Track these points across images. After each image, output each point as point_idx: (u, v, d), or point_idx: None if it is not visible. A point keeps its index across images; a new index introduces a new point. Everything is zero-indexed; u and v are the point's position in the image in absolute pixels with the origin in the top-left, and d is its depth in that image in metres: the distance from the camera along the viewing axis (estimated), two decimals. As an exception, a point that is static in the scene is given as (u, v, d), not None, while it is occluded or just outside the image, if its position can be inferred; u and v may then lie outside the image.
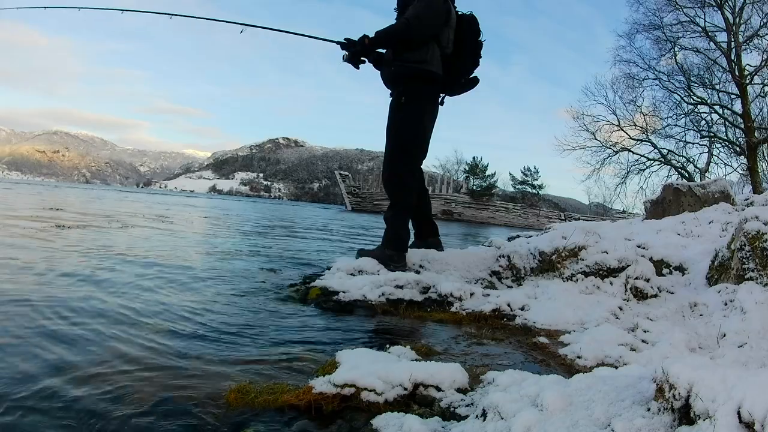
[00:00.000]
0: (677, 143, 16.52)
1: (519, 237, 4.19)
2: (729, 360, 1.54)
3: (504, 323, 2.04)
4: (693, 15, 15.00)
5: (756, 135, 14.35)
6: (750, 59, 15.10)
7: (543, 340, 1.80)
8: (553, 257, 2.53)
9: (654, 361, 1.47)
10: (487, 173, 40.71)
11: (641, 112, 16.81)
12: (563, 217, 36.23)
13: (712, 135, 15.90)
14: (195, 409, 1.06)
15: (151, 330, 1.57)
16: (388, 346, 1.51)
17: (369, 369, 1.19)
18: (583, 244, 2.51)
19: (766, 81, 14.54)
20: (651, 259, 2.49)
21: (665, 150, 16.73)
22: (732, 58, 14.61)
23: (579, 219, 27.56)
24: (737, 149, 15.26)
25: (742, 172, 15.26)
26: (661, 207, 4.42)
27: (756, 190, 12.42)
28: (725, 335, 1.69)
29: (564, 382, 1.04)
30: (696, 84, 15.65)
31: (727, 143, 15.73)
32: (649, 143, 16.97)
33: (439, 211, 33.37)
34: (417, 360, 1.41)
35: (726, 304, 1.90)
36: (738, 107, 14.84)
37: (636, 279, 2.31)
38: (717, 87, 15.36)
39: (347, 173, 40.23)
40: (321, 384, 1.14)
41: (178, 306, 1.90)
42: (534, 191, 44.67)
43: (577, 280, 2.38)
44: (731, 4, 14.45)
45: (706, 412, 0.74)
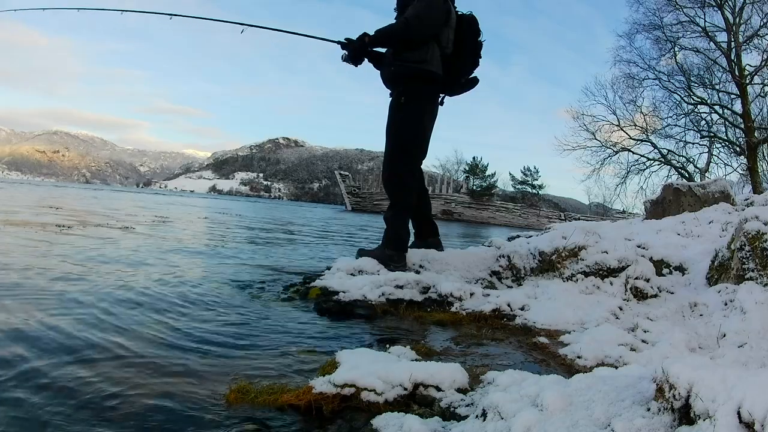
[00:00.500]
0: (677, 143, 16.54)
1: (519, 237, 4.19)
2: (729, 360, 1.54)
3: (504, 323, 2.04)
4: (693, 15, 15.01)
5: (756, 135, 14.35)
6: (750, 59, 15.11)
7: (543, 340, 1.80)
8: (553, 257, 2.53)
9: (654, 361, 1.47)
10: (487, 173, 40.75)
11: (641, 112, 16.82)
12: (563, 217, 36.24)
13: (712, 135, 15.90)
14: (195, 409, 1.06)
15: (151, 330, 1.57)
16: (388, 346, 1.52)
17: (369, 369, 1.19)
18: (583, 244, 2.51)
19: (766, 81, 14.54)
20: (651, 259, 2.49)
21: (665, 150, 16.75)
22: (732, 58, 14.61)
23: (579, 219, 27.56)
24: (737, 149, 15.26)
25: (742, 172, 15.27)
26: (661, 207, 4.42)
27: (756, 190, 12.42)
28: (725, 335, 1.69)
29: (564, 382, 1.04)
30: (696, 84, 15.66)
31: (727, 143, 15.74)
32: (649, 143, 16.98)
33: (439, 211, 33.38)
34: (417, 360, 1.41)
35: (726, 304, 1.90)
36: (738, 107, 14.85)
37: (636, 279, 2.31)
38: (717, 87, 15.36)
39: (347, 173, 40.26)
40: (321, 384, 1.14)
41: (177, 306, 1.90)
42: (534, 191, 44.68)
43: (577, 280, 2.38)
44: (731, 4, 14.45)
45: (706, 412, 0.74)
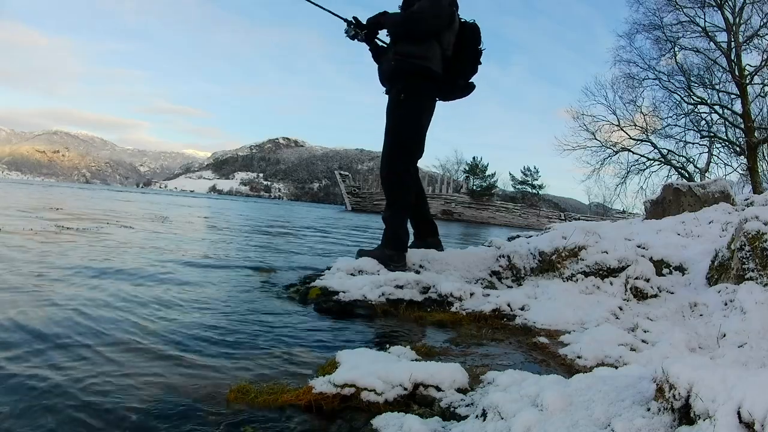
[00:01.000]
0: (677, 143, 16.55)
1: (519, 237, 4.19)
2: (729, 360, 1.54)
3: (504, 323, 2.04)
4: (693, 15, 15.02)
5: (756, 135, 14.36)
6: (750, 59, 15.13)
7: (543, 340, 1.80)
8: (553, 257, 2.53)
9: (654, 361, 1.47)
10: (487, 173, 40.75)
11: (641, 112, 16.83)
12: (563, 217, 36.25)
13: (712, 135, 15.90)
14: (195, 409, 1.06)
15: (151, 330, 1.57)
16: (388, 346, 1.51)
17: (369, 369, 1.19)
18: (583, 244, 2.51)
19: (766, 81, 14.55)
20: (651, 259, 2.49)
21: (665, 150, 16.76)
22: (732, 58, 14.61)
23: (579, 219, 27.57)
24: (737, 149, 15.27)
25: (742, 172, 15.28)
26: (661, 207, 4.42)
27: (756, 190, 12.43)
28: (725, 335, 1.69)
29: (564, 382, 1.04)
30: (696, 84, 15.67)
31: (727, 143, 15.74)
32: (649, 143, 16.99)
33: (439, 211, 33.38)
34: (417, 360, 1.41)
35: (726, 304, 1.90)
36: (738, 107, 14.86)
37: (636, 279, 2.31)
38: (717, 87, 15.37)
39: (347, 173, 40.25)
40: (321, 384, 1.14)
41: (177, 306, 1.90)
42: (534, 191, 44.69)
43: (577, 280, 2.38)
44: (731, 4, 14.46)
45: (706, 412, 0.74)
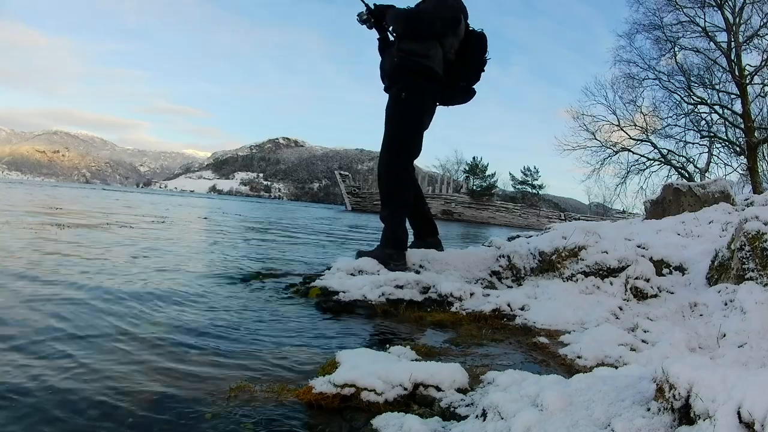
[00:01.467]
0: (677, 143, 16.58)
1: (519, 237, 4.19)
2: (729, 360, 1.54)
3: (504, 323, 2.04)
4: (693, 15, 15.05)
5: (756, 135, 14.37)
6: (750, 59, 15.15)
7: (543, 340, 1.80)
8: (553, 257, 2.53)
9: (654, 361, 1.47)
10: (487, 173, 40.77)
11: (641, 112, 16.85)
12: (563, 217, 36.25)
13: (712, 135, 15.92)
14: (195, 409, 1.05)
15: (151, 330, 1.57)
16: (388, 346, 1.51)
17: (369, 369, 1.19)
18: (583, 244, 2.51)
19: (766, 81, 14.57)
20: (651, 259, 2.49)
21: (665, 150, 16.78)
22: (732, 58, 14.63)
23: (579, 219, 27.57)
24: (737, 149, 15.28)
25: (742, 172, 15.29)
26: (661, 207, 4.42)
27: (756, 190, 12.43)
28: (725, 335, 1.69)
29: (564, 382, 1.04)
30: (696, 84, 15.69)
31: (727, 143, 15.75)
32: (649, 143, 17.01)
33: (439, 211, 33.38)
34: (417, 360, 1.40)
35: (726, 304, 1.90)
36: (738, 107, 14.87)
37: (636, 279, 2.31)
38: (717, 87, 15.39)
39: (347, 173, 40.24)
40: (321, 384, 1.14)
41: (177, 307, 1.90)
42: (534, 191, 44.71)
43: (577, 280, 2.38)
44: (731, 4, 14.48)
45: (706, 412, 0.74)
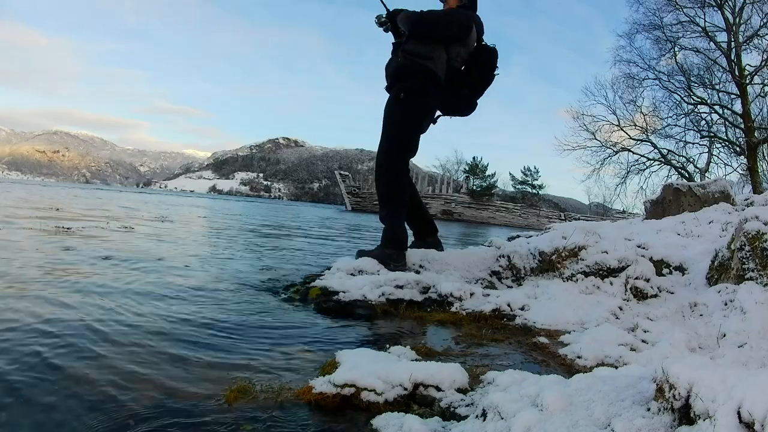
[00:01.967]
0: (677, 143, 16.58)
1: (519, 237, 4.19)
2: (729, 360, 1.54)
3: (504, 323, 2.04)
4: (693, 15, 15.05)
5: (756, 135, 14.37)
6: (750, 59, 15.17)
7: (543, 340, 1.80)
8: (553, 257, 2.53)
9: (654, 361, 1.47)
10: (487, 173, 40.79)
11: (641, 112, 16.85)
12: (563, 217, 36.26)
13: (712, 135, 15.92)
14: (195, 409, 1.05)
15: (151, 330, 1.57)
16: (388, 346, 1.51)
17: (369, 369, 1.19)
18: (583, 244, 2.51)
19: (766, 81, 14.57)
20: (651, 259, 2.49)
21: (665, 150, 16.78)
22: (732, 58, 14.63)
23: (579, 219, 27.58)
24: (737, 149, 15.28)
25: (742, 172, 15.30)
26: (661, 207, 4.42)
27: (756, 190, 12.44)
28: (725, 335, 1.69)
29: (564, 382, 1.04)
30: (696, 84, 15.69)
31: (727, 143, 15.76)
32: (649, 143, 17.01)
33: (439, 211, 33.39)
34: (417, 360, 1.41)
35: (726, 304, 1.90)
36: (738, 107, 14.87)
37: (636, 279, 2.31)
38: (717, 87, 15.39)
39: (347, 173, 40.23)
40: (321, 384, 1.14)
41: (177, 307, 1.90)
42: (534, 191, 44.72)
43: (577, 280, 2.38)
44: (731, 4, 14.48)
45: (706, 412, 0.74)
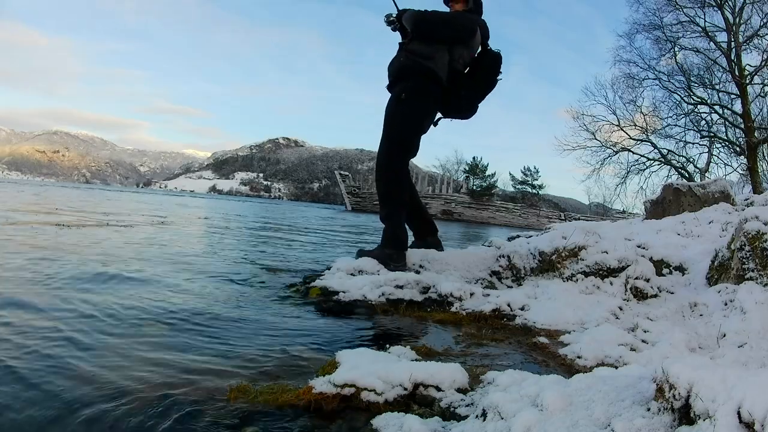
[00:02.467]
0: (677, 143, 16.59)
1: (519, 237, 4.19)
2: (729, 360, 1.54)
3: (504, 323, 2.04)
4: (693, 15, 15.06)
5: (756, 135, 14.38)
6: (750, 59, 15.17)
7: (543, 340, 1.80)
8: (553, 257, 2.53)
9: (654, 361, 1.47)
10: (487, 173, 40.78)
11: (641, 112, 16.86)
12: (563, 217, 36.26)
13: (712, 135, 15.92)
14: (195, 409, 1.05)
15: (151, 331, 1.57)
16: (388, 346, 1.51)
17: (369, 369, 1.19)
18: (583, 244, 2.51)
19: (766, 81, 14.58)
20: (651, 259, 2.49)
21: (665, 150, 16.79)
22: (732, 58, 14.64)
23: (579, 219, 27.58)
24: (737, 149, 15.28)
25: (742, 172, 15.30)
26: (661, 207, 4.42)
27: (756, 190, 12.44)
28: (725, 335, 1.69)
29: (564, 382, 1.04)
30: (696, 84, 15.70)
31: (727, 143, 15.76)
32: (649, 143, 17.02)
33: (439, 211, 33.39)
34: (417, 360, 1.40)
35: (726, 304, 1.90)
36: (738, 107, 14.88)
37: (636, 279, 2.31)
38: (717, 87, 15.40)
39: (347, 173, 40.21)
40: (321, 384, 1.14)
41: (177, 306, 1.89)
42: (534, 191, 44.70)
43: (577, 280, 2.38)
44: (731, 4, 14.48)
45: (706, 412, 0.74)
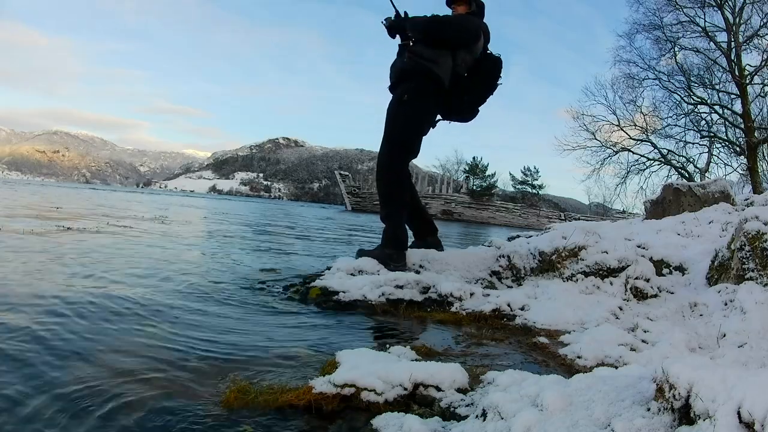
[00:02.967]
0: (677, 143, 16.57)
1: (519, 237, 4.19)
2: (729, 360, 1.54)
3: (504, 323, 2.04)
4: (693, 15, 15.04)
5: (756, 135, 14.37)
6: (750, 59, 15.15)
7: (543, 340, 1.80)
8: (553, 257, 2.53)
9: (654, 361, 1.47)
10: (487, 173, 40.77)
11: (641, 112, 16.84)
12: (563, 217, 36.25)
13: (712, 135, 15.92)
14: (195, 409, 1.05)
15: (149, 331, 1.57)
16: (388, 346, 1.51)
17: (369, 369, 1.19)
18: (583, 244, 2.51)
19: (766, 81, 14.57)
20: (651, 259, 2.49)
21: (665, 150, 16.78)
22: (732, 58, 14.63)
23: (579, 219, 27.58)
24: (737, 149, 15.28)
25: (742, 172, 15.30)
26: (661, 207, 4.42)
27: (756, 190, 12.43)
28: (725, 335, 1.69)
29: (564, 382, 1.04)
30: (696, 84, 15.69)
31: (727, 143, 15.76)
32: (649, 143, 17.01)
33: (439, 211, 33.37)
34: (417, 360, 1.41)
35: (726, 304, 1.90)
36: (738, 107, 14.87)
37: (636, 279, 2.31)
38: (717, 87, 15.39)
39: (347, 173, 40.17)
40: (321, 384, 1.14)
41: (177, 307, 1.90)
42: (534, 191, 44.69)
43: (577, 280, 2.38)
44: (731, 4, 14.48)
45: (706, 412, 0.74)
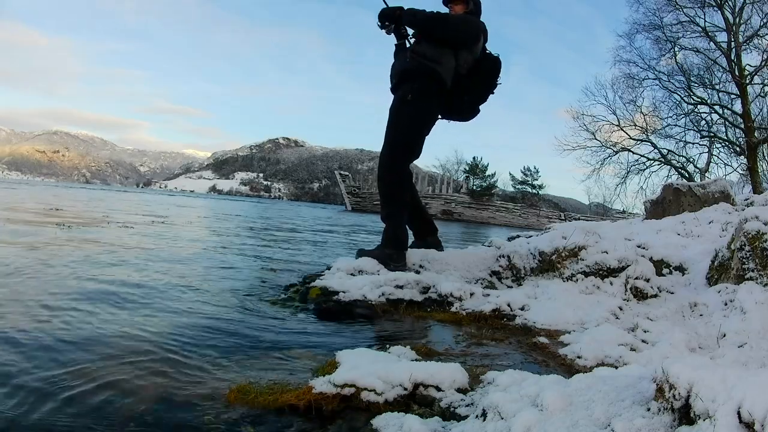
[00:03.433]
0: (677, 143, 16.57)
1: (519, 237, 4.19)
2: (729, 360, 1.54)
3: (504, 323, 2.04)
4: (693, 15, 15.04)
5: (756, 135, 14.37)
6: (750, 59, 15.15)
7: (543, 340, 1.80)
8: (553, 257, 2.53)
9: (654, 361, 1.47)
10: (487, 173, 40.78)
11: (641, 112, 16.84)
12: (563, 217, 36.26)
13: (712, 135, 15.92)
14: (195, 409, 1.05)
15: (150, 331, 1.57)
16: (388, 346, 1.51)
17: (369, 369, 1.19)
18: (583, 244, 2.51)
19: (766, 81, 14.56)
20: (651, 259, 2.49)
21: (665, 150, 16.77)
22: (732, 58, 14.62)
23: (579, 219, 27.58)
24: (737, 149, 15.28)
25: (742, 172, 15.29)
26: (661, 207, 4.42)
27: (756, 190, 12.43)
28: (725, 335, 1.69)
29: (564, 382, 1.04)
30: (696, 84, 15.68)
31: (727, 143, 15.75)
32: (649, 143, 17.00)
33: (439, 211, 33.38)
34: (417, 360, 1.41)
35: (726, 304, 1.90)
36: (738, 107, 14.87)
37: (636, 279, 2.31)
38: (717, 87, 15.39)
39: (347, 173, 40.18)
40: (321, 384, 1.14)
41: (177, 306, 1.90)
42: (534, 191, 44.70)
43: (577, 280, 2.38)
44: (731, 4, 14.47)
45: (706, 412, 0.74)
